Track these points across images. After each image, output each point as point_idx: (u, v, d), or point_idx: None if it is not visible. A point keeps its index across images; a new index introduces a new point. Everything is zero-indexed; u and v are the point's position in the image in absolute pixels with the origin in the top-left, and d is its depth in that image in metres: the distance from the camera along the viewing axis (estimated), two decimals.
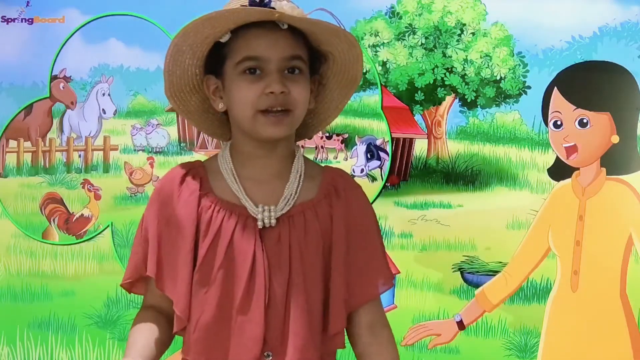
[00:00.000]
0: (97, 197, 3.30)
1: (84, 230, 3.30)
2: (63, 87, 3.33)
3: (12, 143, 3.36)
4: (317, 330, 1.56)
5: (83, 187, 3.31)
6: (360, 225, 1.60)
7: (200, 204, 1.54)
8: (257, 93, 1.50)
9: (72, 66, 3.32)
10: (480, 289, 2.97)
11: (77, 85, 3.33)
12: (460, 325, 2.97)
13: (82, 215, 3.30)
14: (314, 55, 1.58)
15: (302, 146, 1.68)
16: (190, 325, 1.55)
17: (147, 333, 1.57)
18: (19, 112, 3.35)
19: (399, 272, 1.69)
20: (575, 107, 2.89)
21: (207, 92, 1.58)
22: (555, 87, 2.92)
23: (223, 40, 1.52)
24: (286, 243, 1.53)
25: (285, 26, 1.51)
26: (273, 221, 1.53)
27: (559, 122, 2.92)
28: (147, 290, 1.62)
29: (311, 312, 1.54)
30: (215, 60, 1.55)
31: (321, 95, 1.62)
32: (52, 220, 3.32)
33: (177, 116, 3.22)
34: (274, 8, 1.49)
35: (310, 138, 1.75)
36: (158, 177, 3.22)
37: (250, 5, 1.49)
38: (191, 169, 1.58)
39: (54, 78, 3.33)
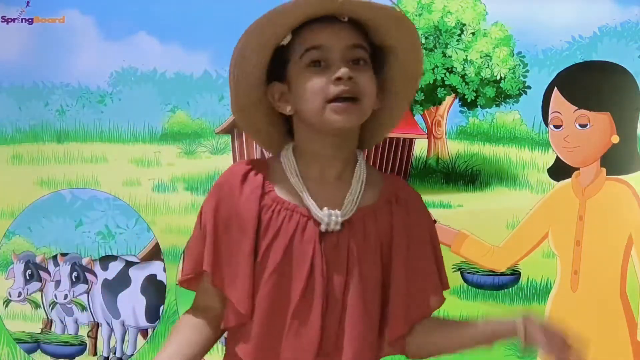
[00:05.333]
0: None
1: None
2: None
3: None
4: (374, 336, 1.54)
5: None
6: (419, 236, 1.59)
7: (261, 202, 1.51)
8: (324, 82, 1.48)
9: (86, 71, 2.87)
10: (467, 234, 2.96)
11: (93, 97, 2.85)
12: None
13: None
14: (376, 53, 1.56)
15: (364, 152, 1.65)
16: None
17: (188, 333, 1.56)
18: None
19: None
20: (575, 107, 2.89)
21: (272, 101, 1.54)
22: (555, 87, 2.92)
23: (284, 42, 1.50)
24: (344, 248, 1.51)
25: (346, 19, 1.51)
26: (338, 227, 1.51)
27: (559, 122, 2.92)
28: (199, 290, 1.59)
29: (369, 318, 1.52)
30: (277, 66, 1.53)
31: (385, 96, 1.58)
32: None
33: (233, 141, 2.83)
34: None
35: (370, 147, 1.70)
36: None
37: None
38: (254, 167, 1.55)
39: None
